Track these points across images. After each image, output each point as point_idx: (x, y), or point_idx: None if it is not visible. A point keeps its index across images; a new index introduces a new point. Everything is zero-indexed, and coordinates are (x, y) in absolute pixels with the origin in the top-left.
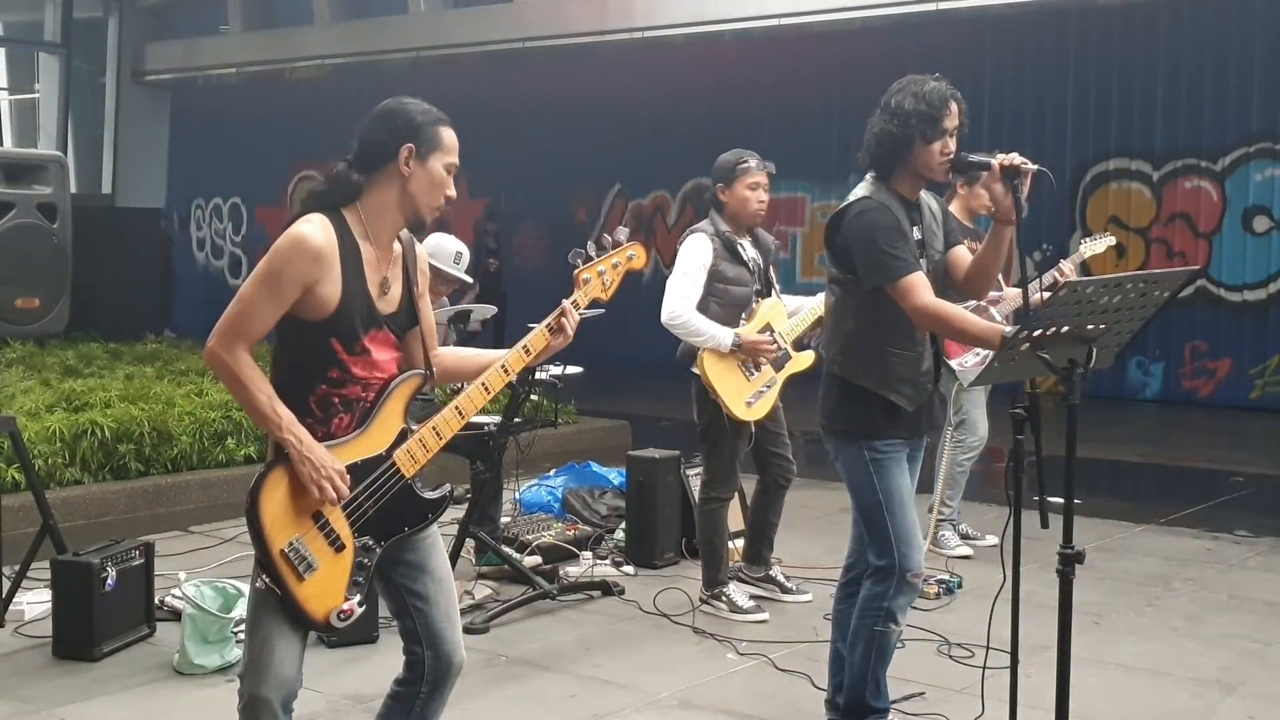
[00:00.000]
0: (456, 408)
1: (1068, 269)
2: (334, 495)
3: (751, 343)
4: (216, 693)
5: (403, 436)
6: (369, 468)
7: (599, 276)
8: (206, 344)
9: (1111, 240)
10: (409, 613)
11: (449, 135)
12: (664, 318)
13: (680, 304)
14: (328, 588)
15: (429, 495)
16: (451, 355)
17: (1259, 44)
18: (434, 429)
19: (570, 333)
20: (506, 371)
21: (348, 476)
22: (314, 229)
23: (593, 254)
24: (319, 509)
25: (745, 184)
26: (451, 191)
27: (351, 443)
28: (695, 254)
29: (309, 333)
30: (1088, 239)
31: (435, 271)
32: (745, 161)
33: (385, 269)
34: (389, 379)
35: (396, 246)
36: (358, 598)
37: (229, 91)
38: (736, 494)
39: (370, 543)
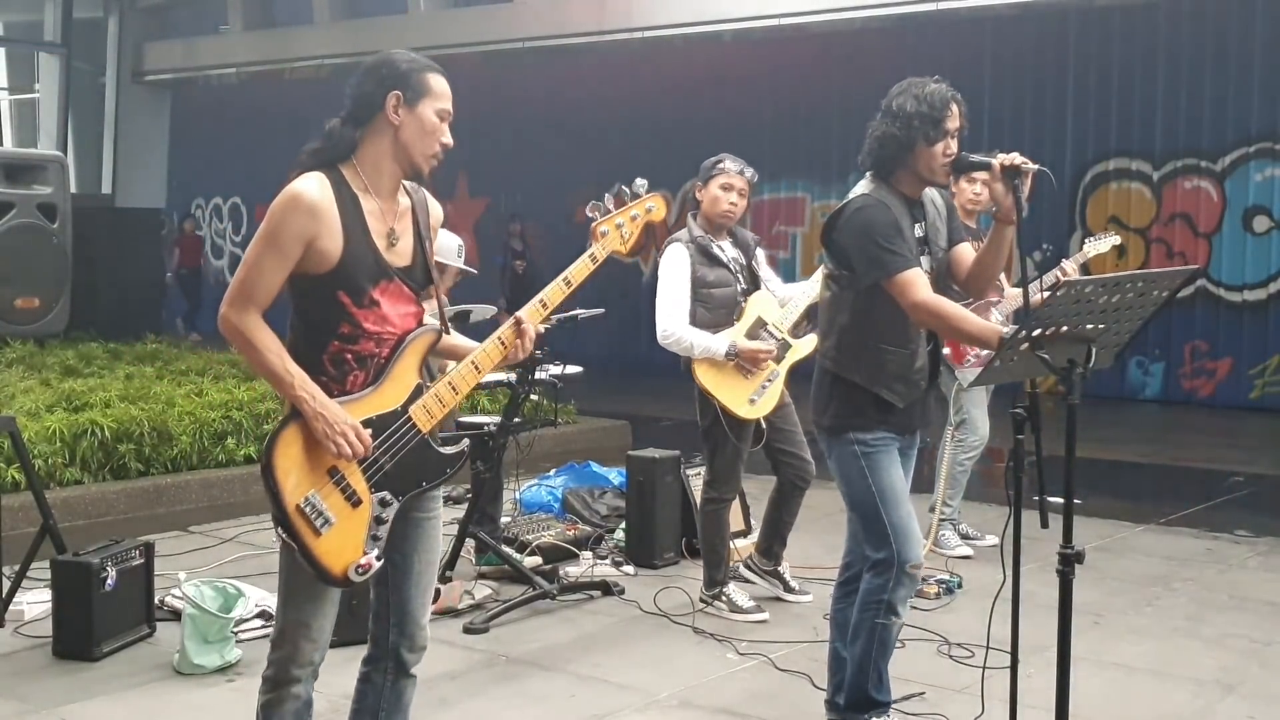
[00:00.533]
0: (473, 363)
1: (1070, 269)
2: (349, 451)
3: (749, 351)
4: (217, 692)
5: (419, 391)
6: (385, 423)
7: (617, 229)
8: (220, 310)
9: (1116, 240)
10: (385, 585)
11: (438, 81)
12: (658, 337)
13: (670, 322)
14: (345, 542)
15: (446, 450)
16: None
17: (1259, 44)
18: (450, 384)
19: (523, 352)
20: (504, 344)
21: (364, 431)
22: (308, 184)
23: (611, 207)
24: (335, 465)
25: (718, 184)
26: (447, 139)
27: (365, 398)
28: (674, 266)
29: (317, 287)
30: (1090, 239)
31: (440, 267)
32: (722, 162)
33: (392, 221)
34: (403, 334)
35: (404, 200)
36: (375, 552)
37: (229, 91)
38: (737, 495)
39: (388, 497)
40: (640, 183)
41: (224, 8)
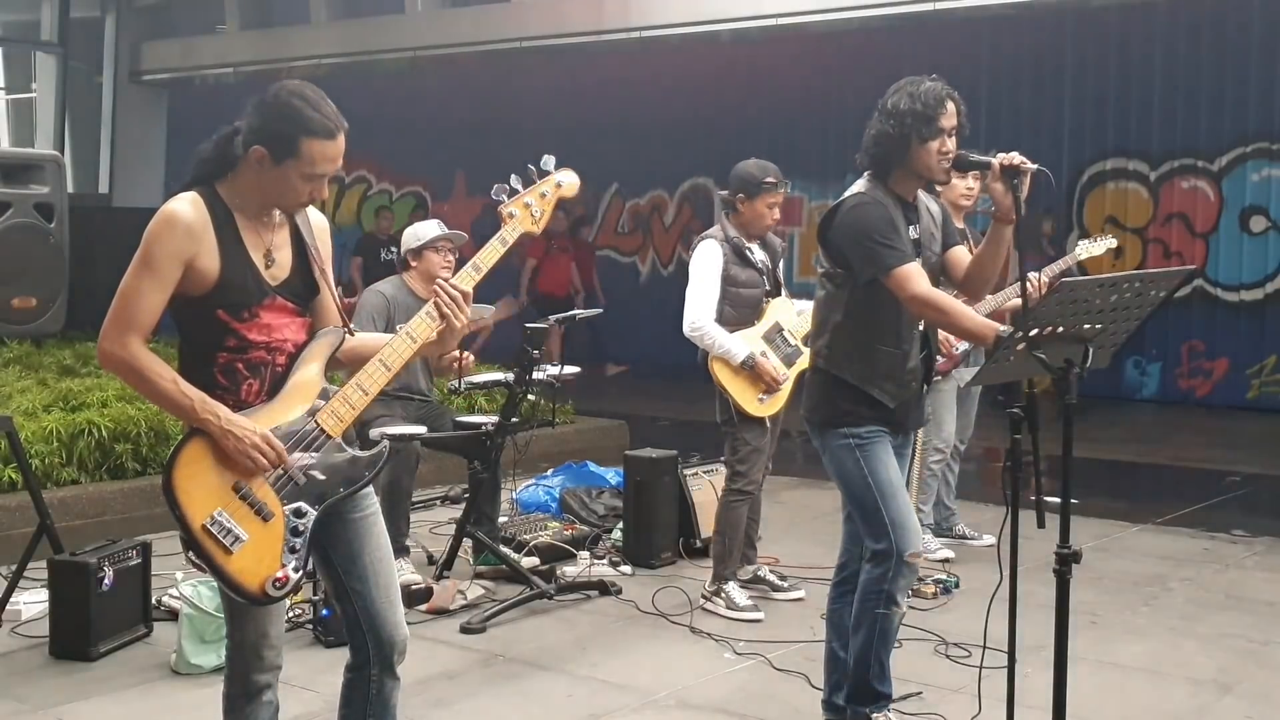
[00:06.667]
0: (382, 362)
1: (1043, 279)
2: (265, 463)
3: (763, 369)
4: (213, 692)
5: (325, 397)
6: (290, 432)
7: (526, 209)
8: (99, 346)
9: (1112, 243)
10: (348, 597)
11: (314, 147)
12: (685, 329)
13: (699, 315)
14: (260, 558)
15: (363, 453)
16: (361, 336)
17: (1256, 44)
18: (358, 385)
19: (454, 320)
20: (414, 339)
21: (274, 439)
22: (182, 205)
23: (518, 187)
24: (239, 480)
25: (766, 201)
26: (311, 197)
27: (268, 409)
28: (708, 262)
29: (197, 307)
30: (1084, 240)
31: (443, 241)
32: (770, 179)
33: (268, 237)
34: (298, 342)
35: (279, 214)
36: (292, 564)
37: (226, 91)
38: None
39: (304, 507)
40: (548, 159)
41: (221, 7)
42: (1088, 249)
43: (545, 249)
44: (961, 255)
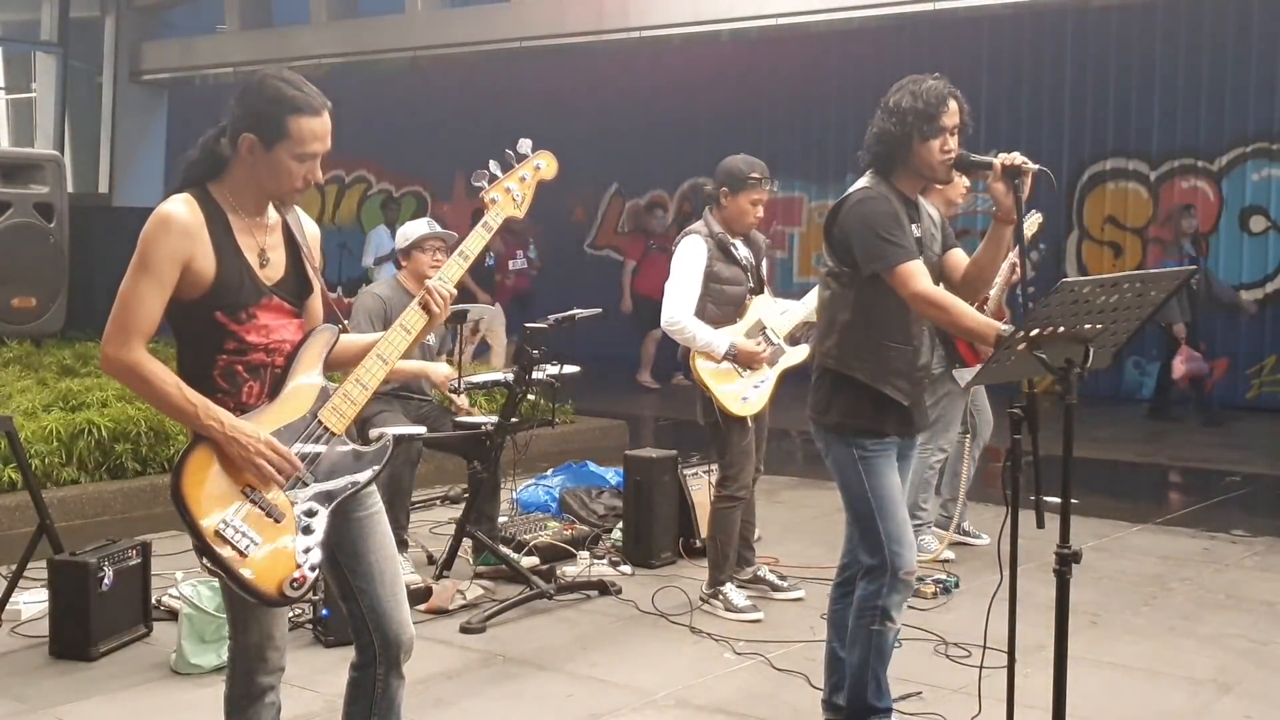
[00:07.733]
0: (379, 356)
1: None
2: (272, 470)
3: (747, 352)
4: (213, 692)
5: (325, 394)
6: (293, 432)
7: (507, 194)
8: (101, 351)
9: (1039, 218)
10: (353, 595)
11: (302, 125)
12: (663, 323)
13: (677, 311)
14: (275, 560)
15: (368, 449)
16: (343, 338)
17: (1256, 44)
18: (357, 380)
19: (436, 310)
20: (409, 331)
21: (281, 446)
22: (176, 206)
23: (497, 172)
24: (249, 482)
25: (750, 197)
26: (306, 181)
27: (269, 411)
28: (690, 258)
29: (194, 311)
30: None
31: (432, 241)
32: (755, 174)
33: (262, 237)
34: (295, 342)
35: (274, 214)
36: (308, 564)
37: (226, 91)
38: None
39: (314, 507)
40: (524, 143)
41: (221, 7)
42: (1026, 227)
43: (644, 249)
44: (959, 257)
